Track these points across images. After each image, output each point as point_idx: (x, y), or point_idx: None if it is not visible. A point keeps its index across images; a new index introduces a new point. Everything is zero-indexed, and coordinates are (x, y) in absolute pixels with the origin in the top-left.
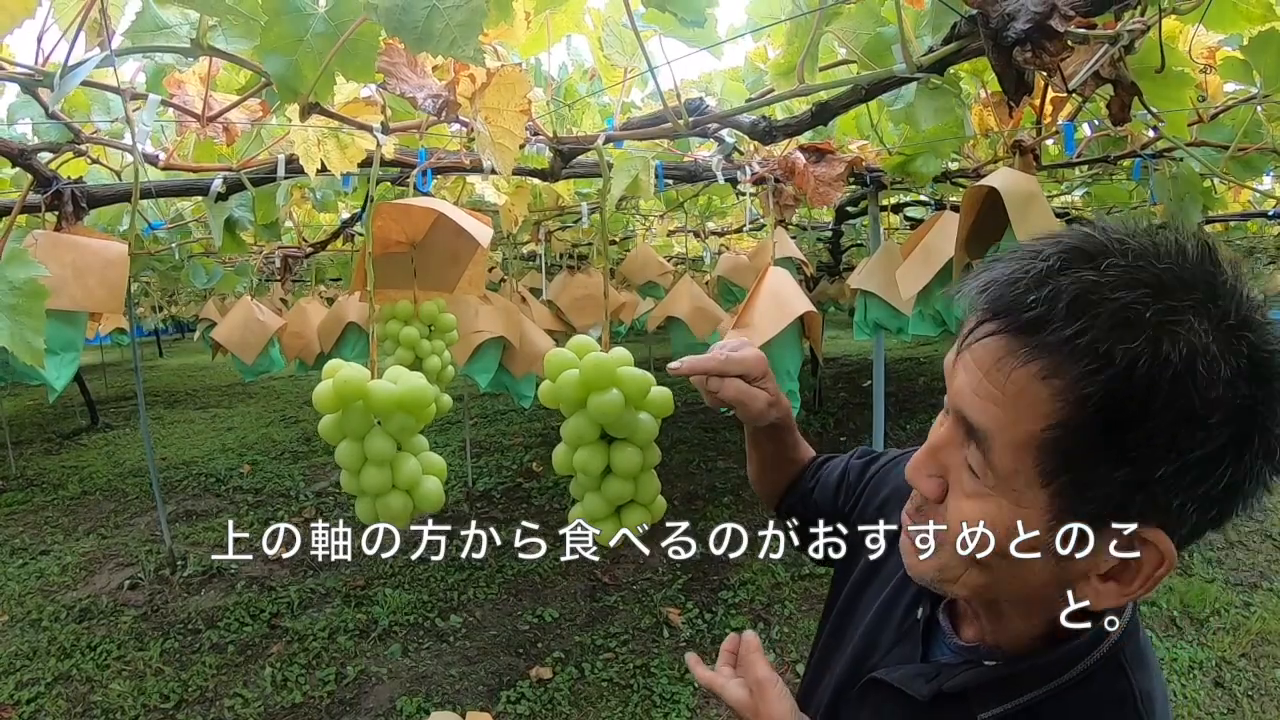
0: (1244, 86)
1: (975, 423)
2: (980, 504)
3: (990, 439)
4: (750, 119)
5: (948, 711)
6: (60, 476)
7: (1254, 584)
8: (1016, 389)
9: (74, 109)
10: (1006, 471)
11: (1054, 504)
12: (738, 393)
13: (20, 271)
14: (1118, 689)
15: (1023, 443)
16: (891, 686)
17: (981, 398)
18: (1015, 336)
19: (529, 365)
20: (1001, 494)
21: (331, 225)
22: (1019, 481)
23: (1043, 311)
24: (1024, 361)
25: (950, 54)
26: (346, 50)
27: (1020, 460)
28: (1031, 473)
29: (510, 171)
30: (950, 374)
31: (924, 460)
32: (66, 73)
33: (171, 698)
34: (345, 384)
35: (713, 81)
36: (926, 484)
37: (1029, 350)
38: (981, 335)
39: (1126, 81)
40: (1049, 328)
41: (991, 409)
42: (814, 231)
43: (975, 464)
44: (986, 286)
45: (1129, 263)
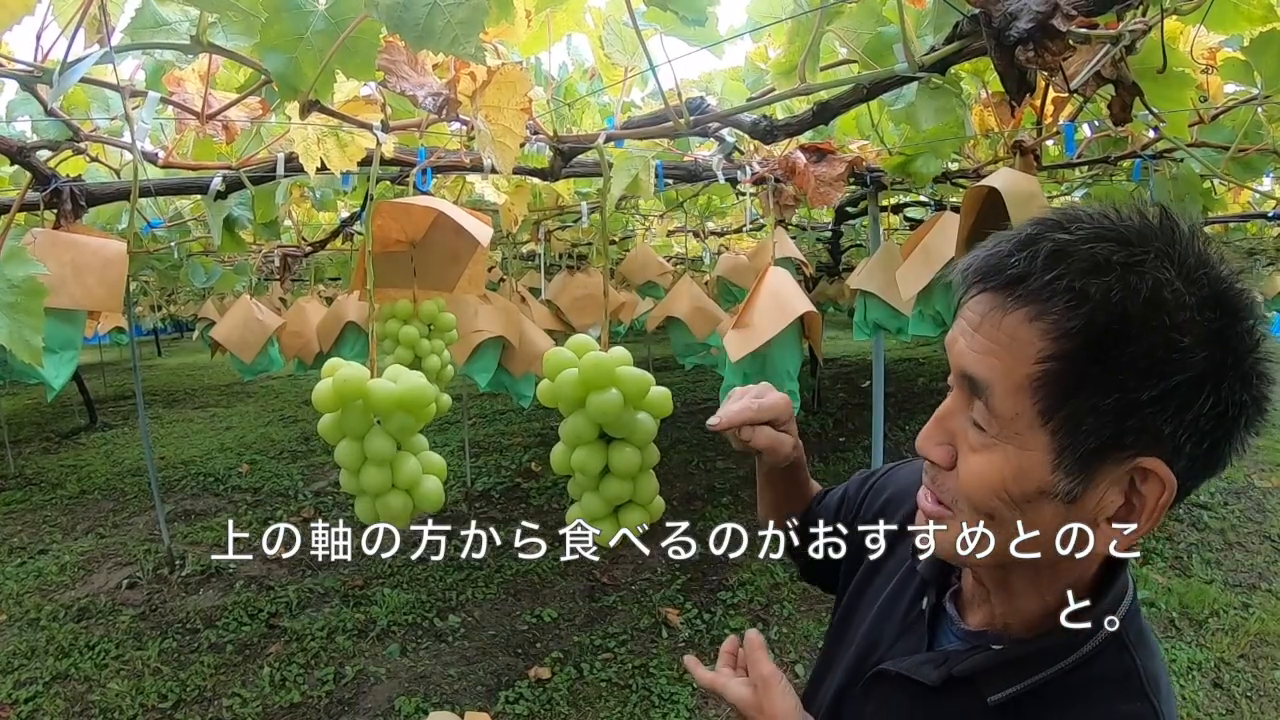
0: (1244, 87)
1: (975, 375)
2: (988, 455)
3: (991, 388)
4: (751, 118)
5: (957, 697)
6: (59, 475)
7: (1253, 585)
8: (1008, 336)
9: (73, 107)
10: (1009, 415)
11: (1055, 442)
12: (770, 440)
13: (19, 270)
14: (1122, 667)
15: (1020, 384)
16: (898, 677)
17: (978, 352)
18: (1001, 291)
19: (528, 365)
20: (1006, 440)
21: (330, 224)
22: (1021, 424)
23: (1024, 268)
24: (1011, 309)
25: (952, 53)
26: (347, 48)
27: (1020, 402)
28: (1031, 413)
29: (511, 170)
30: (951, 344)
31: (932, 430)
32: (66, 69)
33: (170, 697)
34: (345, 383)
35: (713, 81)
36: (936, 451)
37: (1015, 300)
38: (971, 296)
39: (1128, 82)
40: (1030, 279)
41: (988, 360)
42: (813, 232)
43: (980, 418)
44: (972, 262)
45: (1095, 224)
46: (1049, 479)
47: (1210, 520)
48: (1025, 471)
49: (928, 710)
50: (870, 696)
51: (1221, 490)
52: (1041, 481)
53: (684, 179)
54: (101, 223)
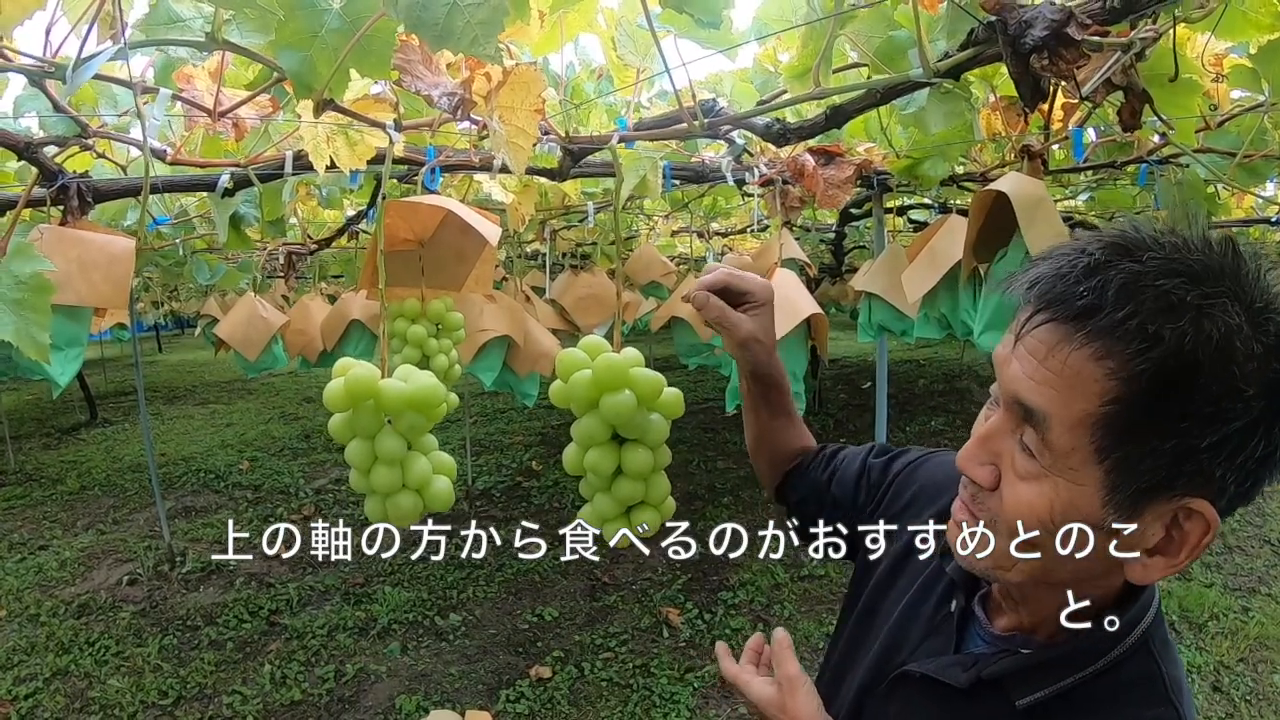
0: (1250, 94)
1: (1033, 405)
2: (1037, 485)
3: (1048, 420)
4: (764, 121)
5: (985, 700)
6: (59, 471)
7: (1252, 589)
8: (1073, 371)
9: (81, 103)
10: (1064, 450)
11: (1108, 480)
12: (720, 313)
13: (26, 266)
14: (1148, 672)
15: (1079, 421)
16: (923, 679)
17: (1038, 382)
18: (1069, 324)
19: (533, 364)
20: (1058, 473)
21: (336, 222)
22: (1075, 459)
23: (1094, 300)
24: (1079, 345)
25: (967, 60)
26: (362, 47)
27: (1077, 438)
28: (1087, 450)
29: (523, 168)
30: (1003, 364)
31: (976, 450)
32: (79, 65)
33: (170, 694)
34: (356, 383)
35: (721, 82)
36: (979, 472)
37: (1084, 335)
38: (1036, 324)
39: (1138, 89)
40: (1100, 314)
41: (1049, 391)
42: (817, 233)
43: (1032, 445)
44: (1036, 280)
45: (1166, 255)
46: (1098, 514)
47: None
48: (1075, 505)
49: (955, 713)
50: (893, 698)
51: None
52: (1090, 515)
53: (691, 180)
54: (106, 220)
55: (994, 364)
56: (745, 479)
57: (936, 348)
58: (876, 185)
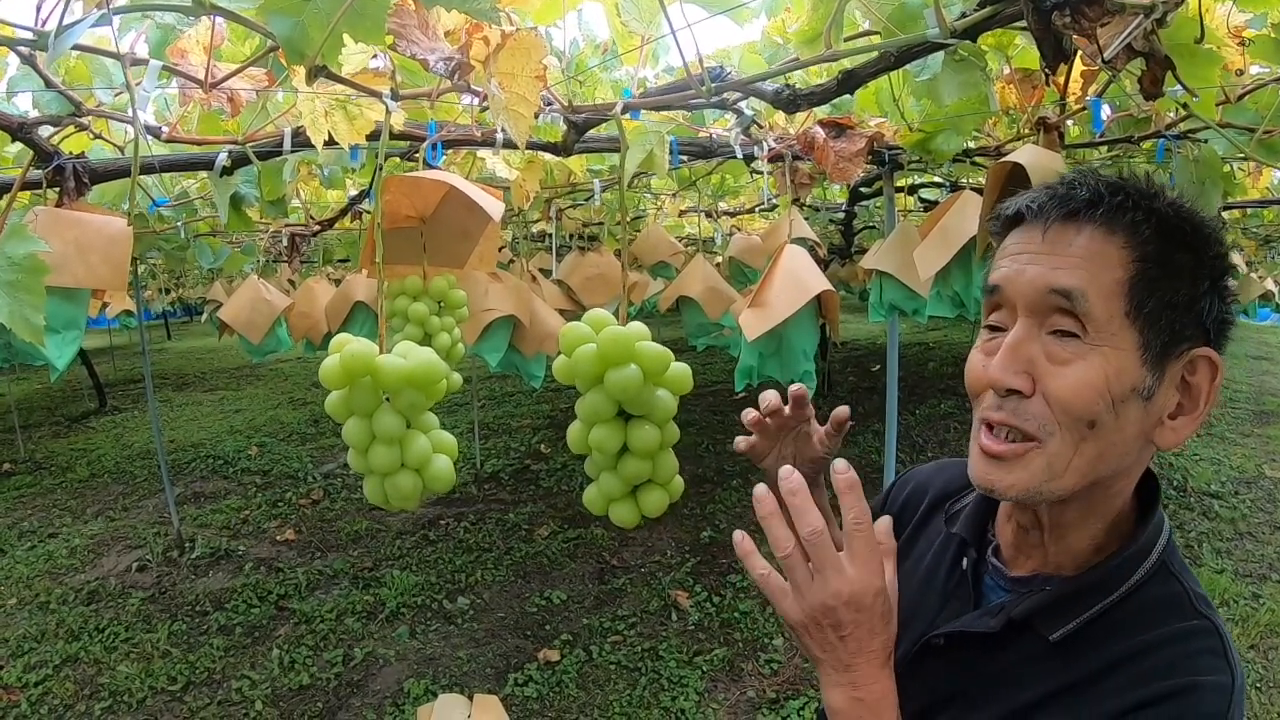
0: (1271, 68)
1: (1070, 286)
2: (1085, 363)
3: (1086, 294)
4: (774, 87)
5: (1018, 641)
6: (68, 459)
7: (1263, 576)
8: (1095, 250)
9: (75, 80)
10: (1104, 318)
11: (1141, 339)
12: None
13: (20, 247)
14: (1171, 591)
15: (1113, 289)
16: (950, 640)
17: (1069, 267)
18: (1076, 218)
19: (539, 345)
20: (1103, 342)
21: (339, 203)
22: (1115, 324)
23: (1092, 195)
24: (1093, 229)
25: (985, 19)
26: (355, 10)
27: (1113, 305)
28: (1121, 315)
29: (525, 139)
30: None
31: (1007, 359)
32: (61, 32)
33: (179, 680)
34: (353, 358)
35: (729, 56)
36: (1018, 379)
37: (1092, 223)
38: (1051, 223)
39: (1160, 55)
40: (1101, 203)
41: (1080, 271)
42: (826, 213)
43: (1073, 327)
44: (1032, 201)
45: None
46: (1140, 373)
47: (1221, 510)
48: (1124, 370)
49: (990, 660)
50: (921, 670)
51: (1232, 480)
52: (1135, 377)
53: (699, 155)
54: (107, 202)
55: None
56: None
57: (946, 330)
58: (888, 162)
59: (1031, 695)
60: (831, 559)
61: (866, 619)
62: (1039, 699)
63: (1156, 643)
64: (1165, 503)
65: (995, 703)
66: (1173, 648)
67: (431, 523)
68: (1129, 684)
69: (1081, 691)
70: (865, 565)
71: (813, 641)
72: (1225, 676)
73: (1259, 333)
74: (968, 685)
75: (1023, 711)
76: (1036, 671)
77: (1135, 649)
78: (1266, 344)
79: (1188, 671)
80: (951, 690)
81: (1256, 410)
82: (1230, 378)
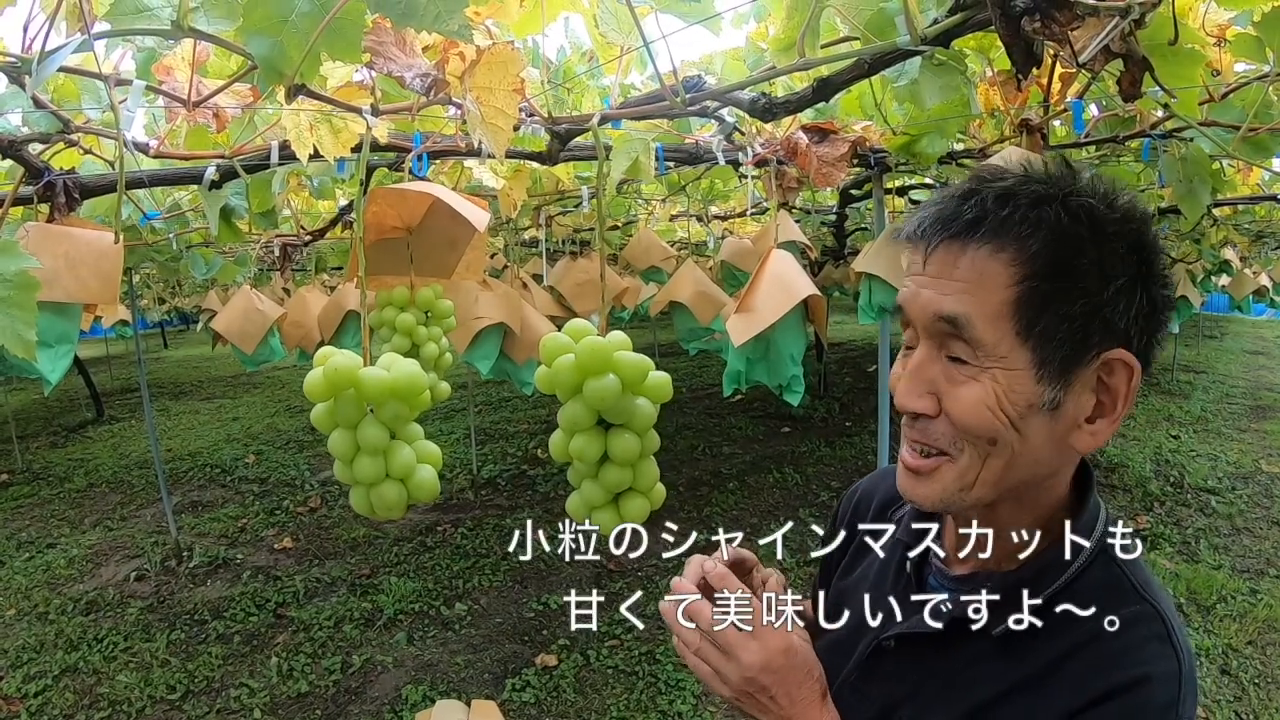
0: (1255, 66)
1: (954, 312)
2: (977, 384)
3: (971, 320)
4: (750, 96)
5: (964, 641)
6: (66, 469)
7: (1261, 571)
8: (978, 272)
9: (63, 99)
10: (991, 342)
11: (1035, 356)
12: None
13: (11, 264)
14: (1110, 576)
15: (997, 311)
16: (901, 640)
17: (953, 292)
18: (962, 237)
19: (531, 352)
20: (992, 364)
21: (330, 213)
22: (1003, 347)
23: (977, 212)
24: (977, 248)
25: (955, 25)
26: (332, 30)
27: (999, 328)
28: (1011, 335)
29: (504, 153)
30: (912, 300)
31: (911, 384)
32: (44, 57)
33: (178, 688)
34: (336, 372)
35: (713, 62)
36: (921, 402)
37: (978, 240)
38: (933, 249)
39: (1137, 56)
40: (986, 219)
41: (964, 296)
42: (817, 215)
43: (963, 353)
44: (920, 223)
45: (1022, 175)
46: (1035, 390)
47: (1218, 505)
48: (1015, 389)
49: (941, 658)
50: (874, 674)
51: (1229, 475)
52: (1030, 395)
53: (685, 161)
54: (100, 216)
55: (902, 309)
56: (751, 464)
57: None
58: (875, 165)
59: (986, 694)
60: (735, 640)
61: (785, 675)
62: (993, 698)
63: (1100, 632)
64: (1163, 499)
65: (952, 702)
66: (1118, 638)
67: (429, 529)
68: (1078, 678)
69: (1034, 688)
70: (763, 634)
71: (751, 707)
72: (1172, 663)
73: (1255, 328)
74: (922, 684)
75: (979, 710)
76: (987, 669)
77: (1080, 639)
78: (1263, 339)
79: (1137, 663)
80: (907, 690)
81: (1253, 405)
82: (1226, 373)
